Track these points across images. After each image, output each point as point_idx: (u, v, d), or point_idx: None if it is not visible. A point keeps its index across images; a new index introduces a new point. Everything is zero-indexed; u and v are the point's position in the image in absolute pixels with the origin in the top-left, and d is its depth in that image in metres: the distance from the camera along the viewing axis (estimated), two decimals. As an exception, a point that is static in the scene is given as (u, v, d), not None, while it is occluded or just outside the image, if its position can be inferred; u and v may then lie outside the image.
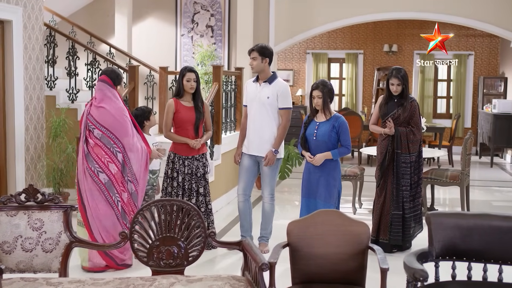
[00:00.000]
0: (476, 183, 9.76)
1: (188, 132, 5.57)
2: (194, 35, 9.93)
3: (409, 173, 5.60)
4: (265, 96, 5.54)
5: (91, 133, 4.90)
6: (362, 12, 10.44)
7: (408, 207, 5.61)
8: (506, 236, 3.54)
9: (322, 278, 3.59)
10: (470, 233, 3.59)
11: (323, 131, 5.12)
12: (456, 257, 3.64)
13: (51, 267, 3.50)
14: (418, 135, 5.62)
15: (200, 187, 5.62)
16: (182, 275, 3.50)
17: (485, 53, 13.92)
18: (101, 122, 4.86)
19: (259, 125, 5.58)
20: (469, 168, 7.33)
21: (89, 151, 4.88)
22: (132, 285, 3.27)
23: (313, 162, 5.13)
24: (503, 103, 11.84)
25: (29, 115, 7.13)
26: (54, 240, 3.50)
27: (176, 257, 3.54)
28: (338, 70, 14.68)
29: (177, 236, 3.55)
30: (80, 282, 3.29)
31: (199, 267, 4.97)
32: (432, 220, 3.64)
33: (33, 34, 7.21)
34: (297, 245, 3.58)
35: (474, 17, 10.18)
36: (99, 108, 4.90)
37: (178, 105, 5.54)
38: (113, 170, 4.87)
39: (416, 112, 5.63)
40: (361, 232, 3.60)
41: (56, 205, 3.53)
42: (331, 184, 5.18)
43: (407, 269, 3.33)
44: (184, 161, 5.58)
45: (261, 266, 3.13)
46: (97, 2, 10.35)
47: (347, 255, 3.58)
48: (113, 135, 4.86)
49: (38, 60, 7.35)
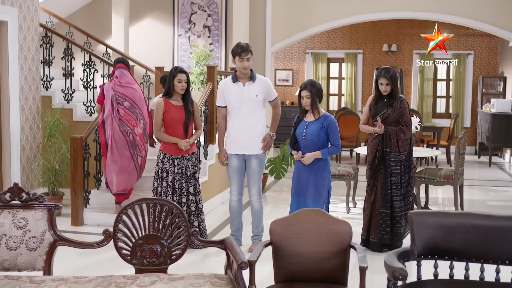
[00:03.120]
0: (473, 183, 9.77)
1: (177, 131, 5.60)
2: (191, 35, 9.98)
3: (399, 172, 5.62)
4: (254, 94, 5.58)
5: (120, 105, 6.38)
6: (360, 11, 10.46)
7: (398, 206, 5.62)
8: (488, 235, 3.55)
9: (305, 276, 3.61)
10: (452, 232, 3.60)
11: (312, 131, 5.14)
12: (438, 256, 3.65)
13: (35, 266, 3.54)
14: (408, 134, 5.63)
15: (190, 186, 5.66)
16: (165, 273, 3.52)
17: (484, 53, 13.91)
18: (130, 97, 6.43)
19: (250, 125, 5.61)
20: (462, 167, 7.34)
21: (121, 117, 6.37)
22: (114, 283, 3.30)
23: (302, 160, 5.15)
24: (501, 103, 11.83)
25: (24, 115, 7.18)
26: (38, 238, 3.54)
27: (159, 255, 3.57)
28: (337, 70, 14.70)
29: (160, 235, 3.58)
30: (63, 280, 3.32)
31: (186, 266, 5.01)
32: (414, 219, 3.66)
33: (28, 34, 7.26)
34: (280, 244, 3.61)
35: (473, 17, 10.19)
36: (126, 87, 6.44)
37: (167, 105, 5.56)
38: (137, 132, 6.44)
39: (406, 111, 5.64)
40: (343, 231, 3.62)
41: (40, 204, 3.57)
42: (320, 184, 5.19)
43: (387, 268, 3.34)
44: (174, 160, 5.61)
45: (240, 264, 3.16)
46: (95, 3, 10.40)
47: (329, 253, 3.59)
48: (138, 107, 6.45)
49: (34, 60, 7.40)
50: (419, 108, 13.83)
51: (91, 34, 9.17)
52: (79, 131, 7.12)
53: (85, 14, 9.32)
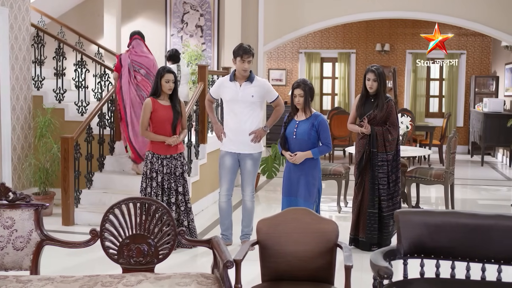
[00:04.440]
0: (465, 182, 9.80)
1: (166, 131, 5.61)
2: (183, 35, 9.98)
3: (386, 172, 5.64)
4: (249, 95, 5.61)
5: (137, 72, 7.04)
6: (352, 11, 10.47)
7: (386, 206, 5.64)
8: (473, 233, 3.57)
9: (291, 275, 3.62)
10: (437, 231, 3.62)
11: (302, 130, 5.16)
12: (424, 254, 3.67)
13: (22, 265, 3.54)
14: (394, 135, 5.64)
15: (179, 186, 5.67)
16: (152, 272, 3.53)
17: (477, 52, 13.96)
18: (146, 65, 7.08)
19: (245, 125, 5.63)
20: (453, 166, 7.36)
21: (138, 83, 7.03)
22: (100, 282, 3.30)
23: (293, 160, 5.17)
24: (493, 102, 11.87)
25: (16, 115, 7.18)
26: (25, 238, 3.54)
27: (146, 255, 3.58)
28: (330, 69, 14.72)
29: (147, 234, 3.59)
30: (49, 280, 3.33)
31: (175, 266, 5.02)
32: (400, 217, 3.67)
33: (20, 34, 7.26)
34: (267, 243, 3.62)
35: (465, 16, 10.21)
36: (142, 57, 7.10)
37: (155, 104, 5.58)
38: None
39: (393, 112, 5.65)
40: (330, 230, 3.63)
41: (27, 204, 3.57)
42: (311, 183, 5.21)
43: (372, 267, 3.36)
44: (163, 160, 5.62)
45: (225, 263, 3.17)
46: (87, 2, 10.39)
47: (315, 252, 3.61)
48: (152, 74, 6.94)
49: (25, 60, 7.40)
50: (412, 108, 13.87)
51: (83, 34, 9.17)
52: (71, 131, 7.12)
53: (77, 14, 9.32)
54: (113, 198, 6.46)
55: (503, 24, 10.10)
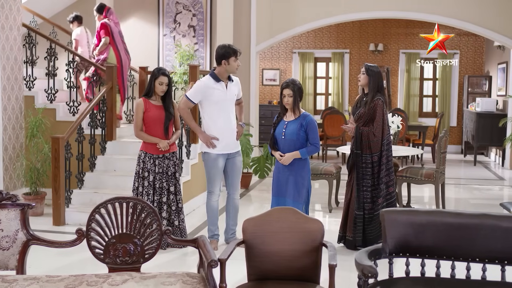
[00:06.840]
0: (458, 181, 9.83)
1: (157, 131, 5.62)
2: (176, 35, 9.97)
3: (370, 174, 5.60)
4: (233, 94, 5.67)
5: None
6: (345, 11, 10.50)
7: (369, 208, 5.61)
8: (458, 232, 3.59)
9: (277, 275, 3.64)
10: (422, 230, 3.64)
11: (291, 130, 5.17)
12: (409, 253, 3.68)
13: (8, 265, 3.54)
14: (378, 135, 5.57)
15: (171, 186, 5.67)
16: (138, 272, 3.54)
17: (470, 52, 14.00)
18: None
19: (231, 123, 5.67)
20: (444, 166, 7.39)
21: (126, 48, 8.35)
22: (86, 282, 3.31)
23: (281, 161, 5.18)
24: (486, 102, 11.90)
25: (7, 115, 7.17)
26: (11, 238, 3.54)
27: (132, 254, 3.59)
28: (324, 69, 14.74)
29: (133, 234, 3.60)
30: (35, 279, 3.33)
31: (163, 265, 5.03)
32: (385, 217, 3.69)
33: (11, 34, 7.25)
34: (252, 242, 3.63)
35: (458, 17, 10.25)
36: (118, 24, 8.22)
37: (147, 104, 5.59)
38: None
39: (378, 111, 5.55)
40: (315, 230, 3.65)
41: (13, 204, 3.57)
42: (300, 183, 5.22)
43: (357, 266, 3.37)
44: (155, 160, 5.63)
45: (210, 262, 3.18)
46: (79, 3, 10.38)
47: (301, 252, 3.62)
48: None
49: (16, 60, 7.39)
50: (405, 108, 13.90)
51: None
52: (62, 131, 7.11)
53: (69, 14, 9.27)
54: (104, 198, 6.32)
55: (496, 24, 10.14)
